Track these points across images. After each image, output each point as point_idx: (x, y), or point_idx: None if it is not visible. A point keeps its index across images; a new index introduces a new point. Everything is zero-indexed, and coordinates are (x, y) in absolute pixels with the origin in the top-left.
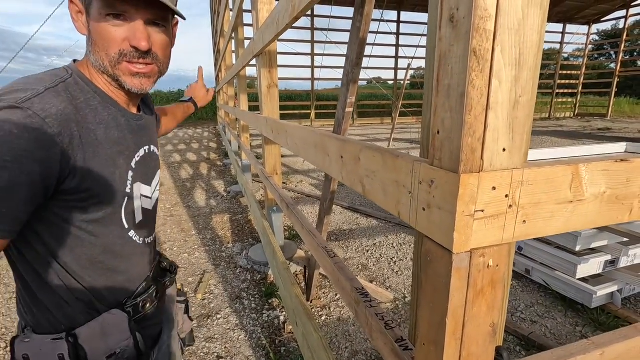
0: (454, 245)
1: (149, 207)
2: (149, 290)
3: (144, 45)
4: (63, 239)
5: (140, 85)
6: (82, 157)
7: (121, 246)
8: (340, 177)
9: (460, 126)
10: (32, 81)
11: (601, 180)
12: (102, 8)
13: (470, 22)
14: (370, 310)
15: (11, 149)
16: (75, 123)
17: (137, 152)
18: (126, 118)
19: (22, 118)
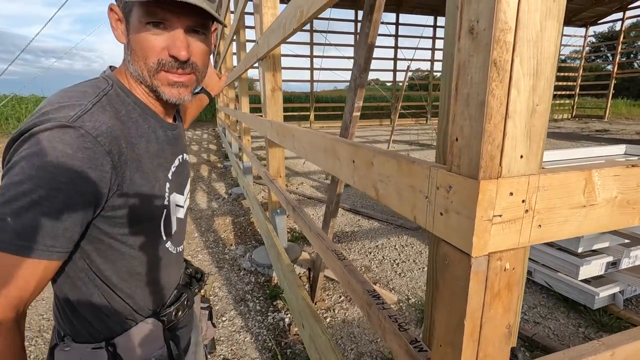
0: (473, 249)
1: (182, 216)
2: (180, 298)
3: (184, 54)
4: (105, 253)
5: (178, 95)
6: (128, 173)
7: (158, 257)
8: (352, 181)
9: (479, 134)
10: (76, 95)
11: (613, 185)
12: (143, 16)
13: (490, 34)
14: (383, 312)
15: (66, 170)
16: (123, 139)
17: (173, 162)
18: (164, 129)
19: (75, 137)
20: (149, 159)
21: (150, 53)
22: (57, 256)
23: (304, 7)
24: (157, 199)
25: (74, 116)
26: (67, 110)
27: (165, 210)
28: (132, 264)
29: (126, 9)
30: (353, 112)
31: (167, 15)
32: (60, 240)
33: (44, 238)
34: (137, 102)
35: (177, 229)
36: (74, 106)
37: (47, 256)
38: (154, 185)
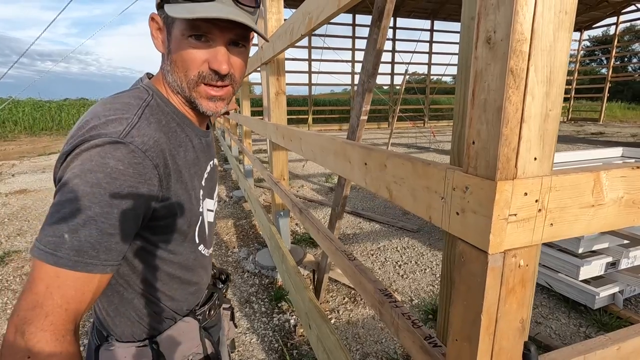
0: (490, 246)
1: (212, 220)
2: (212, 298)
3: (225, 68)
4: (146, 259)
5: (215, 108)
6: (171, 184)
7: (194, 260)
8: (364, 183)
9: (497, 137)
10: (121, 107)
11: (619, 186)
12: (186, 29)
13: (507, 44)
14: (396, 310)
15: (119, 186)
16: (167, 151)
17: (206, 169)
18: (199, 137)
19: (126, 153)
20: (186, 168)
21: (191, 65)
22: (111, 269)
23: (314, 14)
24: (194, 206)
25: (123, 131)
26: (115, 124)
27: (200, 216)
28: (171, 268)
29: (168, 19)
30: (361, 116)
31: (211, 29)
32: (113, 253)
33: (98, 253)
34: (175, 112)
35: (208, 233)
36: (121, 120)
37: (102, 270)
38: (192, 194)
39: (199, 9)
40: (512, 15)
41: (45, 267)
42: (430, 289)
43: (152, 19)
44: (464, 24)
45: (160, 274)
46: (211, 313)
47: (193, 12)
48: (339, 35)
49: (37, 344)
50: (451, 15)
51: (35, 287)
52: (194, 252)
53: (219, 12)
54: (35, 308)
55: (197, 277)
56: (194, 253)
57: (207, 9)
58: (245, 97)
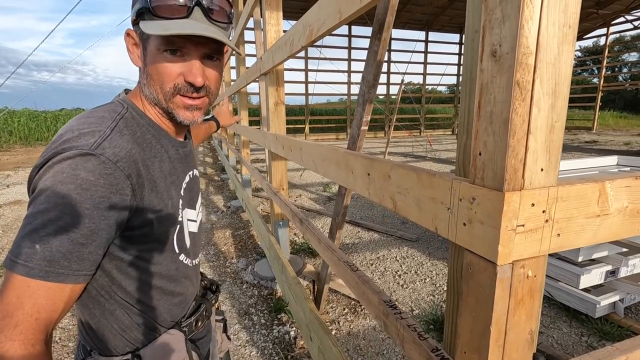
0: (499, 257)
1: (195, 230)
2: (199, 309)
3: (200, 81)
4: (124, 270)
5: (191, 117)
6: (145, 194)
7: (175, 270)
8: (367, 193)
9: (504, 149)
10: (95, 121)
11: (624, 196)
12: (161, 44)
13: (513, 57)
14: (401, 322)
15: (90, 196)
16: (140, 161)
17: (184, 179)
18: (175, 147)
19: (97, 165)
20: (162, 178)
21: (166, 78)
22: (84, 279)
23: (314, 26)
24: (171, 216)
25: (94, 143)
26: (87, 137)
27: (178, 225)
28: (151, 278)
29: (144, 35)
30: (361, 127)
31: (185, 44)
32: (86, 263)
33: (70, 263)
34: (150, 124)
35: (190, 243)
36: (93, 133)
37: (74, 280)
38: (168, 204)
39: (173, 26)
40: (517, 29)
41: (16, 277)
42: (430, 299)
43: (127, 35)
44: (468, 37)
45: (140, 284)
46: (198, 324)
47: (168, 29)
48: (336, 46)
49: (6, 353)
50: (445, 26)
51: (7, 297)
52: (175, 262)
53: (192, 28)
54: (5, 318)
55: (181, 287)
56: (174, 263)
57: (181, 25)
58: (244, 107)
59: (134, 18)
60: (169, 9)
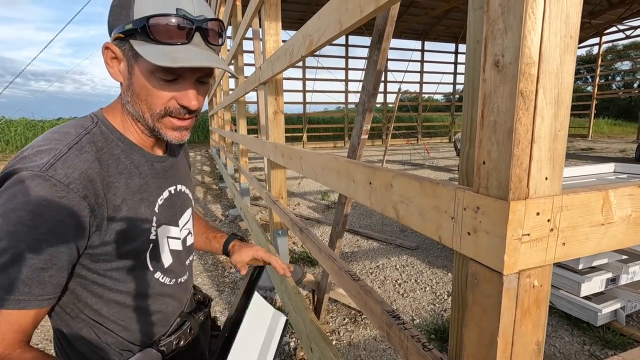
0: (505, 267)
1: (179, 248)
2: (182, 327)
3: (194, 104)
4: (90, 287)
5: (180, 137)
6: (106, 213)
7: (149, 289)
8: (368, 202)
9: (508, 158)
10: (58, 137)
11: (627, 204)
12: (157, 69)
13: (516, 67)
14: (404, 333)
15: (45, 221)
16: (99, 180)
17: (161, 195)
18: (150, 162)
19: (48, 188)
20: (129, 195)
21: (158, 101)
22: (48, 303)
23: (314, 36)
24: (139, 234)
25: (46, 164)
26: (42, 155)
27: (151, 244)
28: (120, 297)
29: (130, 52)
30: (361, 135)
31: (184, 73)
32: (48, 287)
33: (31, 289)
34: (120, 138)
35: (172, 261)
36: (49, 151)
37: (37, 305)
38: (136, 222)
39: (178, 55)
40: (520, 39)
41: None
42: (431, 307)
43: (106, 48)
44: (470, 47)
45: (107, 302)
46: (180, 343)
47: (175, 60)
48: (333, 55)
49: None
50: (441, 36)
51: None
52: (148, 280)
53: (199, 59)
54: None
55: (158, 305)
56: (148, 282)
57: (185, 54)
58: (242, 116)
59: (118, 34)
60: (168, 33)
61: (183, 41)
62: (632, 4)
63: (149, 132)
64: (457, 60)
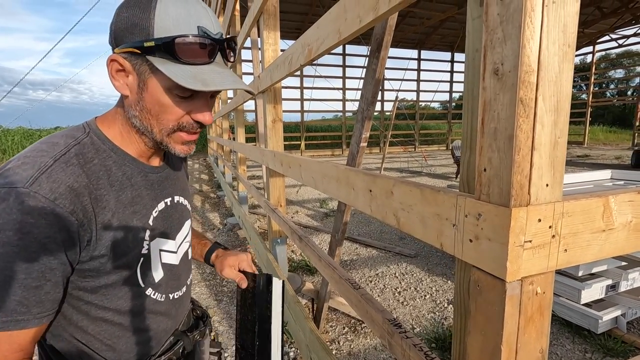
0: (507, 274)
1: (174, 262)
2: (175, 346)
3: (208, 119)
4: (76, 305)
5: (188, 150)
6: (95, 227)
7: (139, 306)
8: (369, 210)
9: (509, 165)
10: (45, 147)
11: (627, 210)
12: (175, 87)
13: (516, 75)
14: (407, 341)
15: (34, 239)
16: (87, 194)
17: (155, 207)
18: (143, 174)
19: (33, 204)
20: (120, 208)
21: (171, 117)
22: (47, 319)
23: (313, 46)
24: (131, 248)
25: (31, 178)
26: (26, 168)
27: (142, 258)
28: (108, 314)
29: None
30: (360, 143)
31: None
32: (47, 304)
33: (29, 308)
34: (113, 149)
35: (164, 276)
36: (34, 164)
37: (37, 323)
38: (127, 236)
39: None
40: (519, 48)
41: None
42: (431, 316)
43: (112, 61)
44: (469, 55)
45: (94, 320)
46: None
47: (206, 82)
48: (331, 64)
49: None
50: (437, 45)
51: None
52: (138, 297)
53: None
54: None
55: (150, 323)
56: (138, 298)
57: (213, 77)
58: (240, 124)
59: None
60: (193, 52)
61: (207, 61)
62: (624, 13)
63: (153, 145)
64: (453, 68)
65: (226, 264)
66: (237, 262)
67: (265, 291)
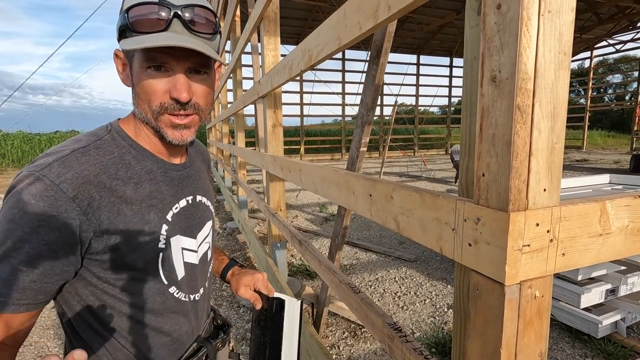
0: (506, 277)
1: (194, 262)
2: (198, 353)
3: (185, 96)
4: (103, 298)
5: (180, 137)
6: (105, 217)
7: (162, 304)
8: (369, 214)
9: (507, 170)
10: (69, 143)
11: (624, 215)
12: (143, 61)
13: (513, 82)
14: (407, 345)
15: (28, 220)
16: (95, 184)
17: (175, 203)
18: (163, 169)
19: (39, 187)
20: (137, 200)
21: (152, 97)
22: (26, 308)
23: (314, 51)
24: (147, 241)
25: (45, 165)
26: (46, 158)
27: (161, 253)
28: (132, 311)
29: (129, 54)
30: (360, 148)
31: (166, 59)
32: (28, 292)
33: (9, 291)
34: (133, 145)
35: (185, 275)
36: (54, 154)
37: (13, 310)
38: (142, 228)
39: (149, 39)
40: (516, 56)
41: None
42: (431, 320)
43: (116, 56)
44: (467, 62)
45: (119, 316)
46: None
47: (142, 42)
48: (330, 69)
49: None
50: (435, 50)
51: None
52: (161, 294)
53: (167, 40)
54: None
55: (171, 325)
56: (161, 296)
57: (154, 38)
58: (240, 129)
59: (117, 37)
60: (148, 23)
61: (160, 29)
62: (621, 19)
63: (157, 135)
64: (452, 73)
65: (242, 283)
66: (252, 282)
67: (277, 316)
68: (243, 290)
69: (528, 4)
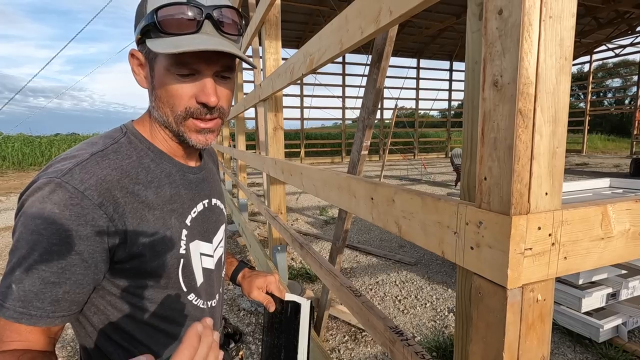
0: (508, 281)
1: (211, 267)
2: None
3: (214, 100)
4: (122, 307)
5: (205, 141)
6: (130, 223)
7: (181, 311)
8: (370, 218)
9: (509, 174)
10: (85, 146)
11: (625, 218)
12: (171, 64)
13: (515, 87)
14: (408, 349)
15: (56, 230)
16: (118, 189)
17: (193, 207)
18: (181, 172)
19: (62, 195)
20: (158, 205)
21: (178, 101)
22: (61, 321)
23: (315, 56)
24: (169, 247)
25: (65, 170)
26: (64, 162)
27: (182, 259)
28: (153, 319)
29: (150, 54)
30: (361, 151)
31: (196, 63)
32: (62, 304)
33: (44, 304)
34: (150, 147)
35: (203, 281)
36: (73, 158)
37: (49, 323)
38: (164, 234)
39: (183, 42)
40: (518, 61)
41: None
42: (432, 324)
43: (132, 56)
44: (468, 67)
45: (140, 325)
46: None
47: (178, 46)
48: (330, 73)
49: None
50: (435, 54)
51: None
52: (181, 302)
53: (205, 43)
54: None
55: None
56: (181, 303)
57: (191, 41)
58: (241, 132)
59: (139, 37)
60: (178, 23)
61: (192, 30)
62: (620, 24)
63: (176, 139)
64: (452, 77)
65: (254, 285)
66: (265, 284)
67: (293, 319)
68: (256, 293)
69: (529, 9)
